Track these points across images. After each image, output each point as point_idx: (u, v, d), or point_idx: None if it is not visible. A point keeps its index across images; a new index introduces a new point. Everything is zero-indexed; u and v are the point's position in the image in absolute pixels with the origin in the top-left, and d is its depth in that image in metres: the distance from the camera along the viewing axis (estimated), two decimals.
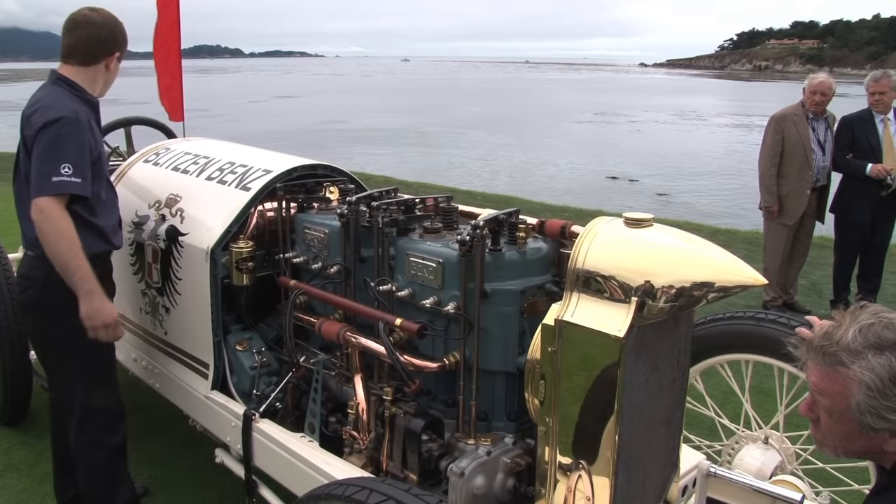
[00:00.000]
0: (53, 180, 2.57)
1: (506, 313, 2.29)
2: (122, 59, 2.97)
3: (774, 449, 2.89)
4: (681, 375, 2.13)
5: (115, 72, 2.97)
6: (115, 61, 2.94)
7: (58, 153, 2.61)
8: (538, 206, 11.01)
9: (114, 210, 2.99)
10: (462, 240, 2.21)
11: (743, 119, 33.27)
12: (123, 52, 2.95)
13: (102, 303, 2.68)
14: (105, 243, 2.89)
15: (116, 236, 2.98)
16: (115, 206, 3.01)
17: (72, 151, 2.63)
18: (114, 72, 2.97)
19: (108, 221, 2.91)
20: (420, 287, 2.42)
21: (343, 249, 2.72)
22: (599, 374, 1.83)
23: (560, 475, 1.97)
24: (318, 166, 3.25)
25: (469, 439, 2.38)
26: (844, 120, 6.03)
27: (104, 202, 2.89)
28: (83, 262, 2.60)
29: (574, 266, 1.90)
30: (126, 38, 2.95)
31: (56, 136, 2.62)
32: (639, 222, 1.92)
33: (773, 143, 6.06)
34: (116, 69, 2.98)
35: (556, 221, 2.51)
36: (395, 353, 2.39)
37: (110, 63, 2.91)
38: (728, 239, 8.68)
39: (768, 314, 2.95)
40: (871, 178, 5.74)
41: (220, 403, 3.02)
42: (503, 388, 2.40)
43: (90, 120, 2.79)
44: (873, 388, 1.35)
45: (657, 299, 1.80)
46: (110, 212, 2.95)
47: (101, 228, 2.85)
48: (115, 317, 2.73)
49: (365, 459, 2.60)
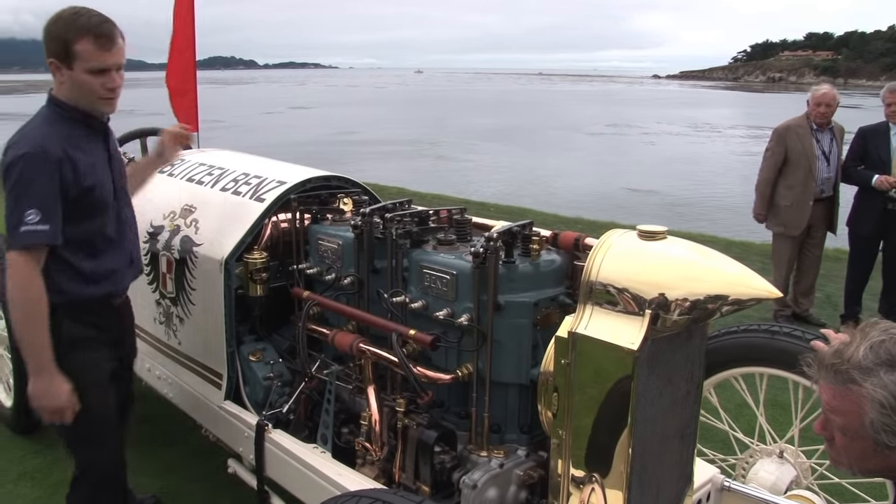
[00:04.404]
0: (21, 230, 2.28)
1: (519, 325, 2.29)
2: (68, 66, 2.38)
3: (789, 463, 2.87)
4: (694, 388, 2.12)
5: (77, 78, 2.40)
6: (55, 68, 2.41)
7: (22, 198, 2.30)
8: (552, 218, 10.99)
9: (121, 248, 2.64)
10: (475, 252, 2.21)
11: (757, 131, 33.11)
12: (60, 56, 2.37)
13: (52, 383, 2.39)
14: (99, 288, 2.55)
15: (123, 276, 2.66)
16: (125, 241, 2.66)
17: (38, 194, 2.30)
18: (74, 78, 2.40)
19: (112, 263, 2.59)
20: (433, 299, 2.42)
21: (356, 261, 2.73)
22: (613, 387, 1.82)
23: (573, 488, 1.96)
24: (331, 178, 3.27)
25: (482, 451, 2.37)
26: (861, 131, 6.01)
27: (109, 240, 2.57)
28: (39, 336, 2.35)
29: (588, 278, 1.90)
30: (57, 38, 2.37)
31: (18, 179, 2.30)
32: (653, 235, 1.91)
33: (774, 153, 6.07)
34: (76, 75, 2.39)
35: (570, 233, 2.51)
36: (408, 365, 2.39)
37: (51, 68, 2.42)
38: (742, 251, 8.64)
39: (783, 327, 2.93)
40: (879, 190, 5.69)
41: (233, 414, 3.03)
42: (516, 400, 2.39)
43: (68, 149, 2.38)
44: (886, 405, 1.34)
45: (671, 312, 1.80)
46: (117, 250, 2.61)
47: (96, 274, 2.52)
48: (66, 401, 2.43)
49: (377, 471, 2.60)
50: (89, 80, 2.39)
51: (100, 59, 2.38)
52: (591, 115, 47.19)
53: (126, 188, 2.75)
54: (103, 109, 2.51)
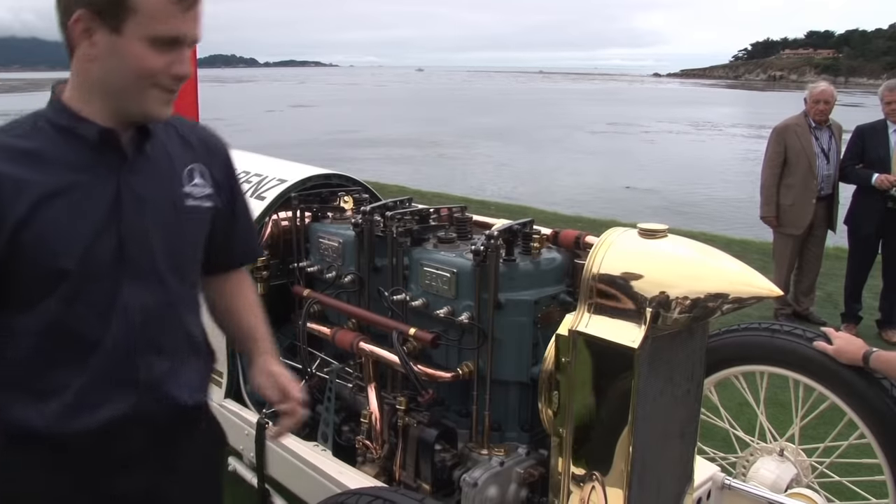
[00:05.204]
0: None
1: (520, 324, 2.29)
2: (115, 27, 1.35)
3: (790, 461, 2.87)
4: (695, 387, 2.12)
5: (126, 50, 1.37)
6: (83, 31, 1.36)
7: None
8: (552, 217, 11.00)
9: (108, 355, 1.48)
10: (476, 250, 2.21)
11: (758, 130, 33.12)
12: (101, 7, 1.34)
13: None
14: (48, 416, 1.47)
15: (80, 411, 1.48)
16: (119, 344, 1.49)
17: None
18: (121, 50, 1.37)
19: (75, 378, 1.47)
20: (434, 297, 2.42)
21: (357, 259, 2.73)
22: (613, 385, 1.83)
23: (573, 486, 1.96)
24: (332, 176, 3.27)
25: (482, 450, 2.37)
26: (858, 129, 6.01)
27: (79, 340, 1.47)
28: None
29: (588, 276, 1.90)
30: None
31: None
32: (653, 233, 1.91)
33: (774, 153, 6.08)
34: (126, 45, 1.36)
35: (571, 232, 2.51)
36: (408, 363, 2.40)
37: (74, 32, 1.37)
38: (742, 249, 8.63)
39: (784, 326, 2.93)
40: (879, 189, 5.69)
41: (233, 412, 3.03)
42: (517, 398, 2.40)
43: (13, 164, 1.38)
44: None
45: (672, 310, 1.80)
46: (97, 358, 1.48)
47: (45, 393, 1.47)
48: None
49: (378, 469, 2.60)
50: (148, 57, 1.38)
51: (174, 22, 1.38)
52: (591, 114, 47.17)
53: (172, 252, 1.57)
54: (154, 111, 1.46)
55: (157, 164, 1.55)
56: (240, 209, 1.80)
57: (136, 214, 1.49)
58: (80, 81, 1.44)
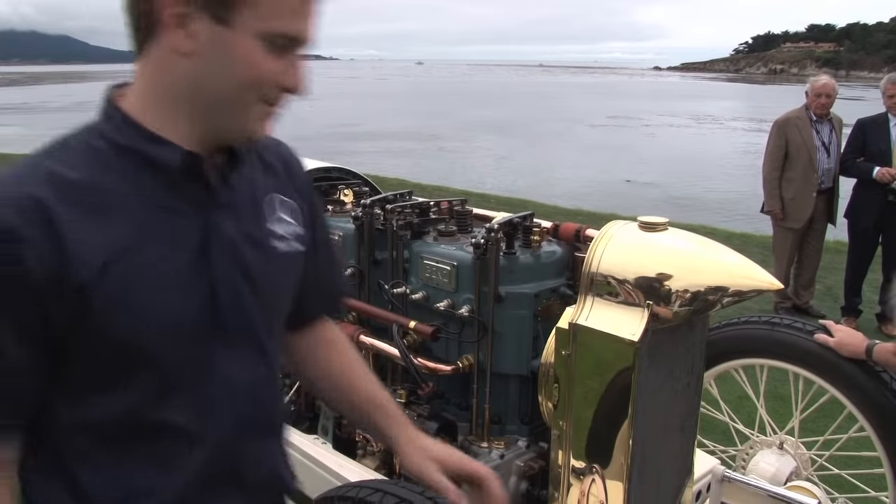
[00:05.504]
0: None
1: (520, 317, 2.29)
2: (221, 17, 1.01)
3: (789, 454, 2.87)
4: (695, 380, 2.12)
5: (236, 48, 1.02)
6: (175, 19, 1.00)
7: None
8: (552, 210, 10.98)
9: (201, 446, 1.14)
10: (476, 243, 2.21)
11: (759, 123, 33.08)
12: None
13: None
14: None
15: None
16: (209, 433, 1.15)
17: None
18: (228, 47, 1.02)
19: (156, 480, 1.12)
20: (434, 290, 2.43)
21: (357, 252, 2.73)
22: (613, 379, 1.83)
23: (573, 479, 1.97)
24: (332, 169, 3.27)
25: (482, 442, 2.38)
26: (859, 123, 6.00)
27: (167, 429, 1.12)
28: None
29: (588, 269, 1.90)
30: None
31: None
32: (654, 226, 1.91)
33: (775, 147, 6.07)
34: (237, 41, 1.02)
35: (571, 225, 2.51)
36: (408, 356, 2.40)
37: (160, 18, 1.01)
38: (743, 243, 8.63)
39: (784, 319, 2.93)
40: (880, 183, 5.68)
41: None
42: (517, 391, 2.40)
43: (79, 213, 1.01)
44: None
45: (672, 303, 1.80)
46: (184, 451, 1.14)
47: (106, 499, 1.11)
48: None
49: (378, 462, 2.61)
50: (262, 59, 1.05)
51: (296, 18, 1.07)
52: (591, 107, 47.10)
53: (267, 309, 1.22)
54: (255, 131, 1.12)
55: (242, 196, 1.18)
56: (321, 241, 1.39)
57: (230, 265, 1.13)
58: (158, 87, 1.07)
